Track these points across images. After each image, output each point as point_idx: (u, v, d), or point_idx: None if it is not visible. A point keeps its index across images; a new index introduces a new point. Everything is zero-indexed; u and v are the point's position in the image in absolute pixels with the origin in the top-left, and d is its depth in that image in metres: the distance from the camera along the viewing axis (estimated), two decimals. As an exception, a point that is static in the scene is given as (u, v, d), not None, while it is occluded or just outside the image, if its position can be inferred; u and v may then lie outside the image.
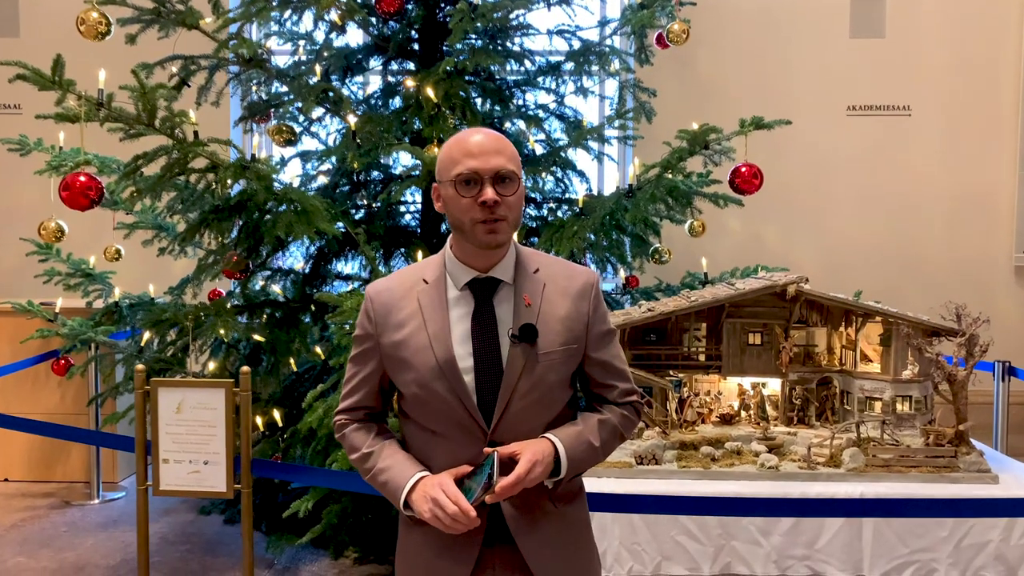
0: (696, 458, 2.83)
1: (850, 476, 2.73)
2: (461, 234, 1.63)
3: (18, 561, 3.97)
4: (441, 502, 1.52)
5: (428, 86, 3.83)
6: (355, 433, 1.74)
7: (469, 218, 1.59)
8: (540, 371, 1.63)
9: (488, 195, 1.56)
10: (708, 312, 3.11)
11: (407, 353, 1.64)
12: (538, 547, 1.64)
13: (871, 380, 2.97)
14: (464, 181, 1.58)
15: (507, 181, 1.59)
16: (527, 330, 1.62)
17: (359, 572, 3.85)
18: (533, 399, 1.63)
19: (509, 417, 1.62)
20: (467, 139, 1.62)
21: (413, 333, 1.64)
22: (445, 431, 1.64)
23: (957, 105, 5.64)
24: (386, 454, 1.68)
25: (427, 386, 1.62)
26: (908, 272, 5.61)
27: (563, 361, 1.66)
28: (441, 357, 1.61)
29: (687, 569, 2.68)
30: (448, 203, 1.63)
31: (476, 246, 1.62)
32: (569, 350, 1.67)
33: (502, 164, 1.59)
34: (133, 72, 2.98)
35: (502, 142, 1.62)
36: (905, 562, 2.64)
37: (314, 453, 3.52)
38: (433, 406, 1.63)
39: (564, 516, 1.69)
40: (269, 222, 3.49)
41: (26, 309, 4.51)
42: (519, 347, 1.62)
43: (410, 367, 1.63)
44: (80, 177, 2.89)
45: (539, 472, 1.56)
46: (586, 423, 1.70)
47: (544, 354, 1.63)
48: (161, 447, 2.46)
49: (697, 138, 3.37)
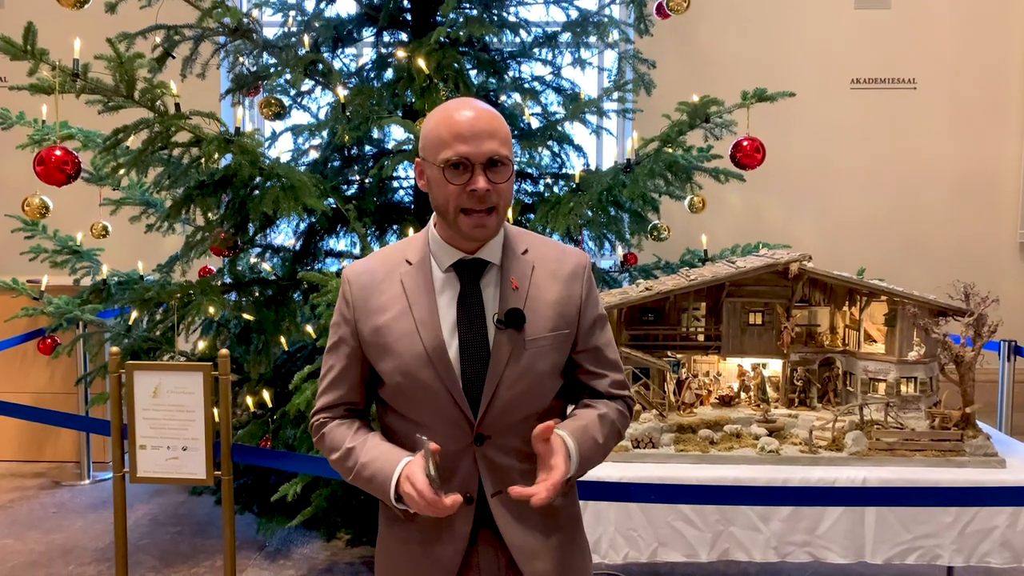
0: (694, 441, 2.75)
1: (853, 460, 2.65)
2: (445, 221, 1.52)
3: (5, 543, 3.91)
4: (412, 497, 1.43)
5: (420, 57, 3.71)
6: (335, 431, 1.60)
7: (455, 205, 1.47)
8: (528, 359, 1.53)
9: (480, 185, 1.45)
10: (708, 291, 3.01)
11: (390, 339, 1.53)
12: (526, 543, 1.56)
13: (875, 361, 2.88)
14: (453, 166, 1.46)
15: (499, 166, 1.48)
16: (514, 315, 1.51)
17: (351, 554, 3.79)
18: (521, 388, 1.53)
19: (496, 407, 1.52)
20: (457, 117, 1.48)
21: (397, 317, 1.53)
22: (430, 422, 1.53)
23: (964, 79, 5.52)
24: (369, 447, 1.56)
25: (412, 375, 1.52)
26: (911, 249, 5.51)
27: (553, 348, 1.56)
28: (429, 344, 1.51)
29: (684, 555, 2.61)
30: (433, 186, 1.51)
31: (460, 237, 1.51)
32: (560, 336, 1.56)
33: (495, 149, 1.47)
34: (109, 41, 2.86)
35: (495, 122, 1.50)
36: (908, 548, 2.56)
37: (303, 434, 3.45)
38: (417, 396, 1.53)
39: (554, 512, 1.60)
40: (256, 198, 3.38)
41: (11, 287, 4.41)
42: (506, 333, 1.51)
43: (393, 354, 1.53)
44: (56, 151, 2.78)
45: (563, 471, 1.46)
46: (586, 417, 1.59)
47: (532, 340, 1.53)
48: (138, 432, 2.37)
49: (698, 111, 3.26)
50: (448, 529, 1.53)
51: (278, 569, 3.64)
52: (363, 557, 3.75)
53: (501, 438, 1.53)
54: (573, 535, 1.65)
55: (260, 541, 3.88)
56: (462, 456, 1.53)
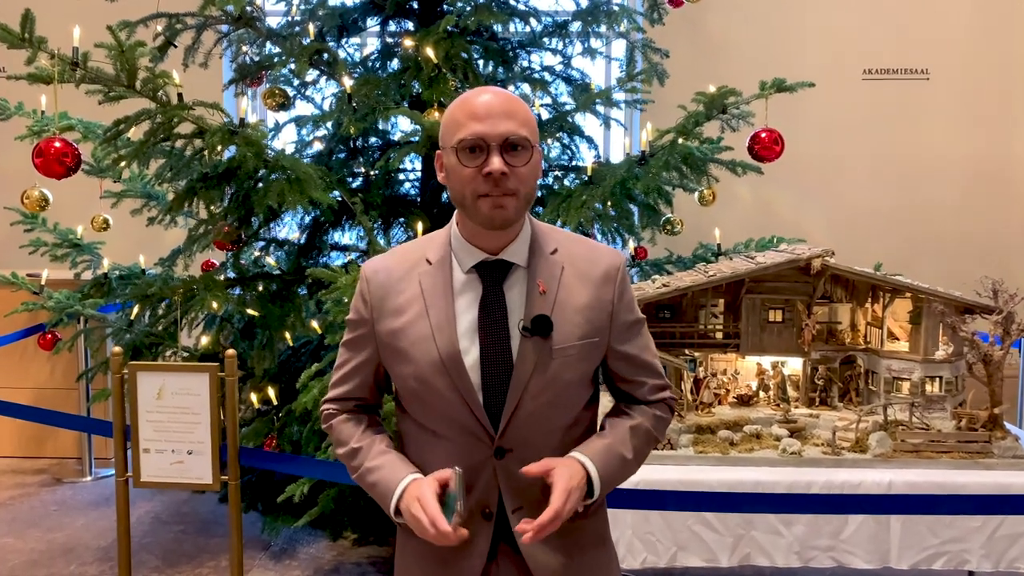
0: (714, 442, 2.67)
1: (877, 462, 2.57)
2: (463, 210, 1.43)
3: (5, 542, 3.84)
4: (420, 521, 1.34)
5: (428, 46, 3.61)
6: (343, 425, 1.56)
7: (471, 190, 1.38)
8: (555, 368, 1.43)
9: (494, 165, 1.35)
10: (726, 287, 2.93)
11: (405, 343, 1.44)
12: (547, 562, 1.46)
13: (899, 360, 2.80)
14: (468, 148, 1.37)
15: (518, 149, 1.38)
16: (540, 322, 1.41)
17: (358, 554, 3.72)
18: (546, 400, 1.43)
19: (519, 420, 1.42)
20: (473, 99, 1.40)
21: (413, 321, 1.44)
22: (447, 433, 1.45)
23: (977, 70, 5.42)
24: (376, 451, 1.49)
25: (427, 382, 1.43)
26: (923, 243, 5.42)
27: (582, 357, 1.46)
28: (444, 350, 1.41)
29: (704, 560, 2.53)
30: (450, 173, 1.42)
31: (479, 224, 1.41)
32: (589, 344, 1.46)
33: (512, 129, 1.37)
34: (110, 29, 2.77)
35: (514, 103, 1.41)
36: (935, 553, 2.49)
37: (310, 433, 3.37)
38: (434, 404, 1.44)
39: (580, 530, 1.51)
40: (260, 191, 3.29)
41: (11, 281, 4.33)
42: (531, 341, 1.42)
43: (408, 359, 1.44)
44: (55, 143, 2.69)
45: (574, 501, 1.38)
46: (615, 433, 1.50)
47: (560, 349, 1.43)
48: (141, 436, 2.29)
49: (715, 101, 3.17)
50: (467, 545, 1.44)
51: (284, 569, 3.58)
52: (370, 557, 3.68)
53: (523, 452, 1.44)
54: (599, 555, 1.56)
55: (265, 540, 3.81)
56: (481, 470, 1.45)
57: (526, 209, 1.45)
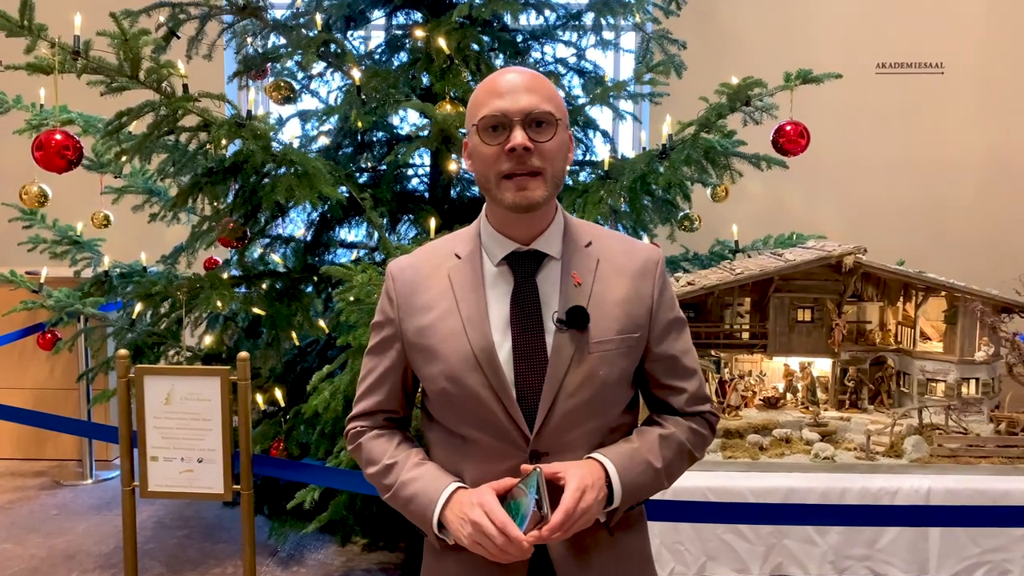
0: (743, 447, 2.57)
1: (914, 468, 2.47)
2: (488, 195, 1.35)
3: (5, 548, 3.73)
4: (485, 528, 1.22)
5: (439, 36, 3.50)
6: (373, 442, 1.44)
7: (495, 171, 1.30)
8: (592, 364, 1.33)
9: (517, 139, 1.27)
10: (753, 286, 2.83)
11: (435, 340, 1.35)
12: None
13: (933, 360, 2.70)
14: (490, 126, 1.29)
15: (543, 125, 1.30)
16: (576, 313, 1.33)
17: (367, 560, 3.62)
18: (584, 398, 1.34)
19: (555, 419, 1.33)
20: (497, 77, 1.34)
21: (443, 316, 1.36)
22: (478, 437, 1.35)
23: (992, 63, 5.32)
24: (412, 464, 1.39)
25: (459, 380, 1.33)
26: (938, 238, 5.32)
27: (621, 354, 1.36)
28: (477, 344, 1.32)
29: (734, 571, 2.43)
30: (473, 155, 1.35)
31: (506, 208, 1.32)
32: (628, 340, 1.37)
33: (535, 104, 1.29)
34: (113, 17, 2.65)
35: (538, 80, 1.33)
36: (976, 563, 2.39)
37: (320, 436, 3.26)
38: (465, 405, 1.34)
39: (620, 547, 1.41)
40: (267, 186, 3.18)
41: (9, 280, 4.22)
42: (567, 334, 1.33)
43: (438, 357, 1.35)
44: (55, 135, 2.57)
45: (590, 501, 1.27)
46: (643, 439, 1.39)
47: (597, 343, 1.34)
48: (149, 443, 2.17)
49: (738, 93, 3.06)
50: (502, 566, 1.32)
51: (291, 575, 3.48)
52: (380, 563, 3.58)
53: (560, 456, 1.33)
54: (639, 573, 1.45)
55: (272, 546, 3.71)
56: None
57: (555, 192, 1.36)
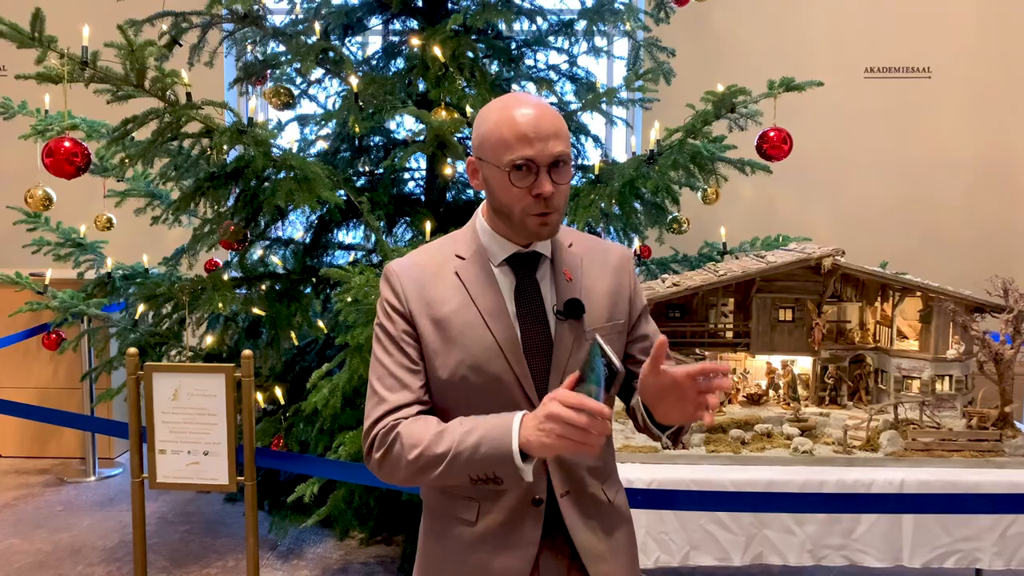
0: (725, 441, 2.68)
1: (889, 461, 2.58)
2: (507, 221, 1.47)
3: (11, 543, 3.83)
4: (564, 416, 1.25)
5: (435, 44, 3.61)
6: (412, 426, 1.42)
7: (520, 208, 1.43)
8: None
9: (547, 189, 1.40)
10: (736, 287, 2.93)
11: (453, 332, 1.46)
12: (593, 545, 1.52)
13: (908, 358, 2.81)
14: (517, 168, 1.41)
15: (562, 165, 1.43)
16: (573, 305, 1.49)
17: (366, 553, 3.72)
18: None
19: None
20: (519, 118, 1.41)
21: (458, 310, 1.47)
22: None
23: (979, 67, 5.43)
24: (466, 421, 1.40)
25: (480, 368, 1.44)
26: (926, 240, 5.43)
27: (611, 338, 1.53)
28: (501, 335, 1.45)
29: (717, 559, 2.54)
30: (495, 188, 1.45)
31: (524, 236, 1.48)
32: (617, 325, 1.56)
33: (560, 151, 1.42)
34: (120, 28, 2.75)
35: (558, 120, 1.44)
36: (947, 551, 2.50)
37: (319, 433, 3.37)
38: (485, 391, 1.45)
39: (613, 511, 1.58)
40: (268, 190, 3.28)
41: (14, 281, 4.31)
42: (566, 324, 1.49)
43: (457, 347, 1.45)
44: (65, 143, 2.67)
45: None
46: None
47: (591, 330, 1.49)
48: (157, 437, 2.28)
49: (723, 100, 3.17)
50: (516, 534, 1.46)
51: (292, 569, 3.57)
52: (378, 556, 3.68)
53: None
54: (627, 532, 1.62)
55: (272, 540, 3.81)
56: None
57: (563, 218, 1.52)
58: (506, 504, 1.47)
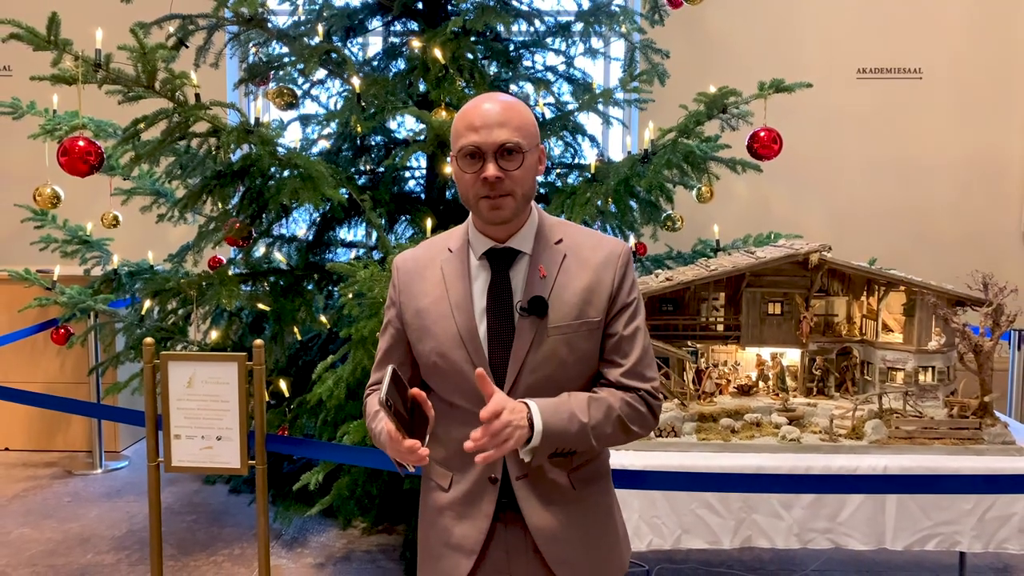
0: (716, 430, 2.78)
1: (873, 448, 2.68)
2: (469, 208, 1.59)
3: (22, 532, 3.93)
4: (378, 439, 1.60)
5: (436, 47, 3.71)
6: (371, 398, 1.72)
7: (473, 193, 1.54)
8: (551, 345, 1.56)
9: (489, 172, 1.51)
10: (727, 281, 3.03)
11: (428, 321, 1.60)
12: (549, 526, 1.59)
13: (893, 350, 2.91)
14: (467, 155, 1.53)
15: (512, 154, 1.52)
16: (536, 303, 1.56)
17: (368, 542, 3.82)
18: (544, 374, 1.56)
19: (520, 391, 1.56)
20: (472, 110, 1.55)
21: (436, 301, 1.61)
22: (461, 403, 1.59)
23: (969, 69, 5.54)
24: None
25: (446, 355, 1.58)
26: (917, 238, 5.55)
27: (582, 336, 1.57)
28: (462, 326, 1.57)
29: (707, 543, 2.64)
30: (456, 178, 1.58)
31: (483, 221, 1.58)
32: (588, 324, 1.57)
33: (505, 137, 1.51)
34: (132, 32, 2.85)
35: (511, 111, 1.54)
36: (928, 535, 2.60)
37: (322, 424, 3.46)
38: (451, 376, 1.59)
39: (585, 501, 1.64)
40: (273, 188, 3.38)
41: (23, 277, 4.41)
42: (528, 320, 1.56)
43: (431, 335, 1.60)
44: (79, 142, 2.77)
45: (507, 419, 1.44)
46: (573, 397, 1.56)
47: (555, 327, 1.56)
48: (172, 423, 2.39)
49: (715, 101, 3.27)
50: (474, 506, 1.60)
51: (296, 557, 3.67)
52: (380, 545, 3.78)
53: None
54: (603, 524, 1.68)
55: (276, 530, 3.91)
56: None
57: (525, 205, 1.58)
58: (471, 478, 1.60)
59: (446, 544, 1.63)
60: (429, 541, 1.69)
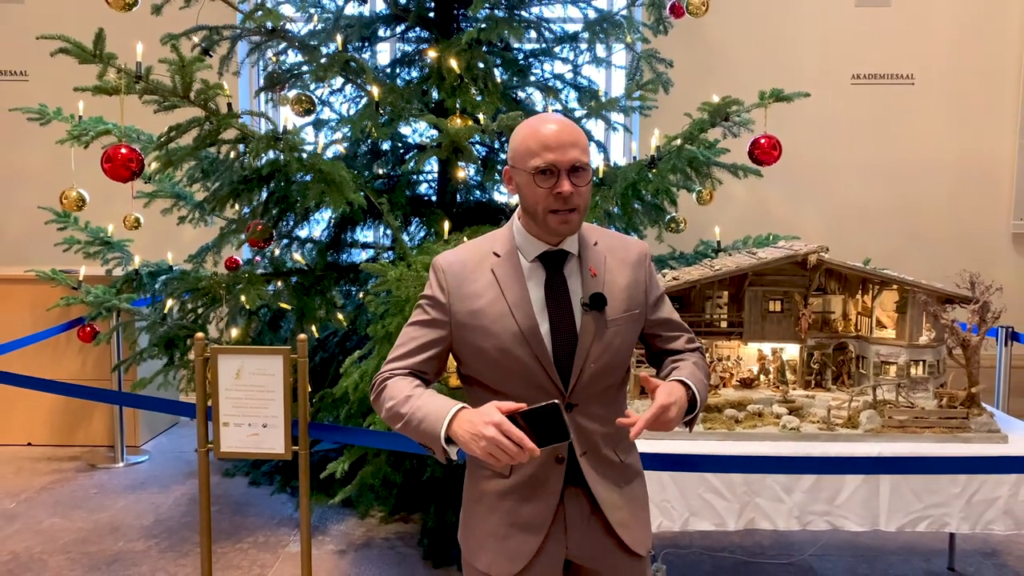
0: (720, 420, 2.96)
1: (867, 437, 2.87)
2: (534, 219, 1.74)
3: (53, 522, 4.09)
4: (500, 444, 1.51)
5: (451, 57, 3.88)
6: (399, 382, 1.73)
7: (543, 207, 1.70)
8: (609, 336, 1.76)
9: (565, 188, 1.66)
10: (730, 280, 3.22)
11: (486, 321, 1.73)
12: (610, 496, 1.79)
13: (886, 345, 3.10)
14: (541, 172, 1.68)
15: (581, 171, 1.69)
16: (597, 298, 1.74)
17: (387, 530, 4.00)
18: (604, 362, 1.76)
19: (584, 380, 1.74)
20: (543, 130, 1.70)
21: (491, 302, 1.74)
22: (524, 394, 1.70)
23: (960, 74, 5.73)
24: (428, 394, 1.70)
25: (508, 351, 1.72)
26: (910, 239, 5.73)
27: (628, 327, 1.80)
28: (524, 324, 1.72)
29: (713, 524, 2.82)
30: (523, 190, 1.73)
31: (548, 233, 1.73)
32: (633, 316, 1.81)
33: (578, 156, 1.68)
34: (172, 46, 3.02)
35: (576, 133, 1.71)
36: (919, 516, 2.78)
37: (346, 418, 3.63)
38: (513, 370, 1.73)
39: (625, 468, 1.85)
40: (299, 191, 3.56)
41: (51, 277, 4.57)
42: (590, 314, 1.74)
43: (490, 334, 1.73)
44: (122, 149, 2.94)
45: (675, 413, 1.68)
46: (687, 365, 1.84)
47: (612, 320, 1.76)
48: (221, 411, 2.57)
49: (719, 110, 3.45)
50: (542, 487, 1.76)
51: (318, 544, 3.84)
52: (398, 533, 3.96)
53: (586, 406, 1.77)
54: (639, 486, 1.90)
55: (297, 519, 4.07)
56: None
57: (584, 217, 1.77)
58: (536, 461, 1.75)
59: (513, 524, 1.77)
60: (491, 525, 1.80)
